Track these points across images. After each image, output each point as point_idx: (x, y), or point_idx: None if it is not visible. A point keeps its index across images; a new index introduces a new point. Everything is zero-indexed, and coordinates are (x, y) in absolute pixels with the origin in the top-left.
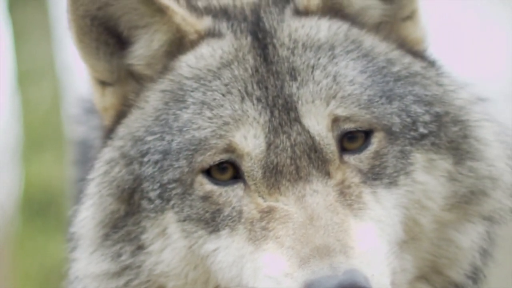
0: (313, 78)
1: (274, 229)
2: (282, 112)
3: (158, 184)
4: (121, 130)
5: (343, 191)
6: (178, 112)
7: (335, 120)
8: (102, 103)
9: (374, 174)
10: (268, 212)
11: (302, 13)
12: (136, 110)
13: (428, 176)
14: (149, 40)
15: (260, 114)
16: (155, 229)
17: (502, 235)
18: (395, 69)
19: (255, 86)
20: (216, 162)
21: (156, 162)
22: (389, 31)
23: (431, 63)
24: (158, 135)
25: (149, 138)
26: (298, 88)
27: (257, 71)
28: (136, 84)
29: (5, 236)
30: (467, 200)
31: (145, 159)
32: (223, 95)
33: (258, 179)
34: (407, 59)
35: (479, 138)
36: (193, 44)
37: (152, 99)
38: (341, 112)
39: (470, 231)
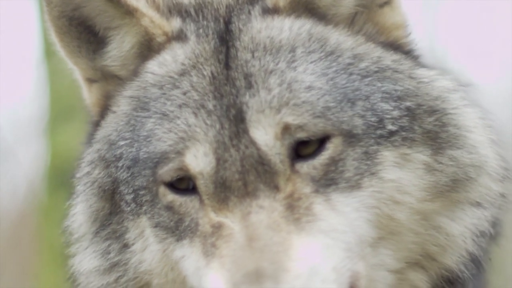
0: (267, 85)
1: (220, 248)
2: (233, 123)
3: (132, 189)
4: (99, 132)
5: (292, 204)
6: (144, 120)
7: (286, 128)
8: (90, 99)
9: (328, 181)
10: (218, 228)
11: (270, 11)
12: (111, 113)
13: (402, 171)
14: (120, 41)
15: (210, 128)
16: (135, 230)
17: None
18: (363, 64)
19: (210, 96)
20: (174, 178)
21: (128, 168)
22: (364, 20)
23: (407, 53)
24: (128, 141)
25: (121, 143)
26: (250, 97)
27: (215, 78)
28: (117, 84)
29: (31, 206)
30: (450, 189)
31: (120, 163)
32: (180, 106)
33: (210, 194)
34: (377, 52)
35: (459, 125)
36: (160, 48)
37: (123, 103)
38: (292, 120)
39: (460, 218)
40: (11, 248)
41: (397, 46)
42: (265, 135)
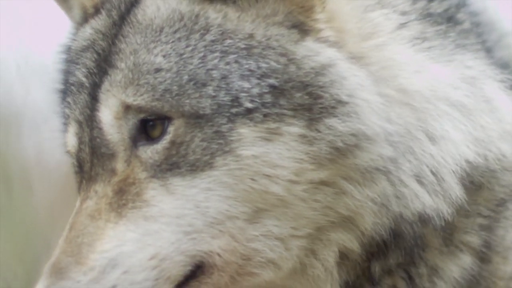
0: (122, 65)
1: None
2: (92, 103)
3: None
4: None
5: (123, 190)
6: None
7: (127, 109)
8: None
9: (169, 165)
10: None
11: None
12: None
13: (270, 145)
14: (75, 11)
15: (79, 107)
16: None
17: None
18: (229, 41)
19: (90, 73)
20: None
21: None
22: None
23: (296, 26)
24: None
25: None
26: (108, 75)
27: (100, 55)
28: None
29: None
30: (335, 157)
31: None
32: (71, 84)
33: (75, 174)
34: (249, 28)
35: (335, 96)
36: (86, 22)
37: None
38: (132, 101)
39: (362, 181)
40: (63, 199)
41: (288, 19)
42: (108, 115)
